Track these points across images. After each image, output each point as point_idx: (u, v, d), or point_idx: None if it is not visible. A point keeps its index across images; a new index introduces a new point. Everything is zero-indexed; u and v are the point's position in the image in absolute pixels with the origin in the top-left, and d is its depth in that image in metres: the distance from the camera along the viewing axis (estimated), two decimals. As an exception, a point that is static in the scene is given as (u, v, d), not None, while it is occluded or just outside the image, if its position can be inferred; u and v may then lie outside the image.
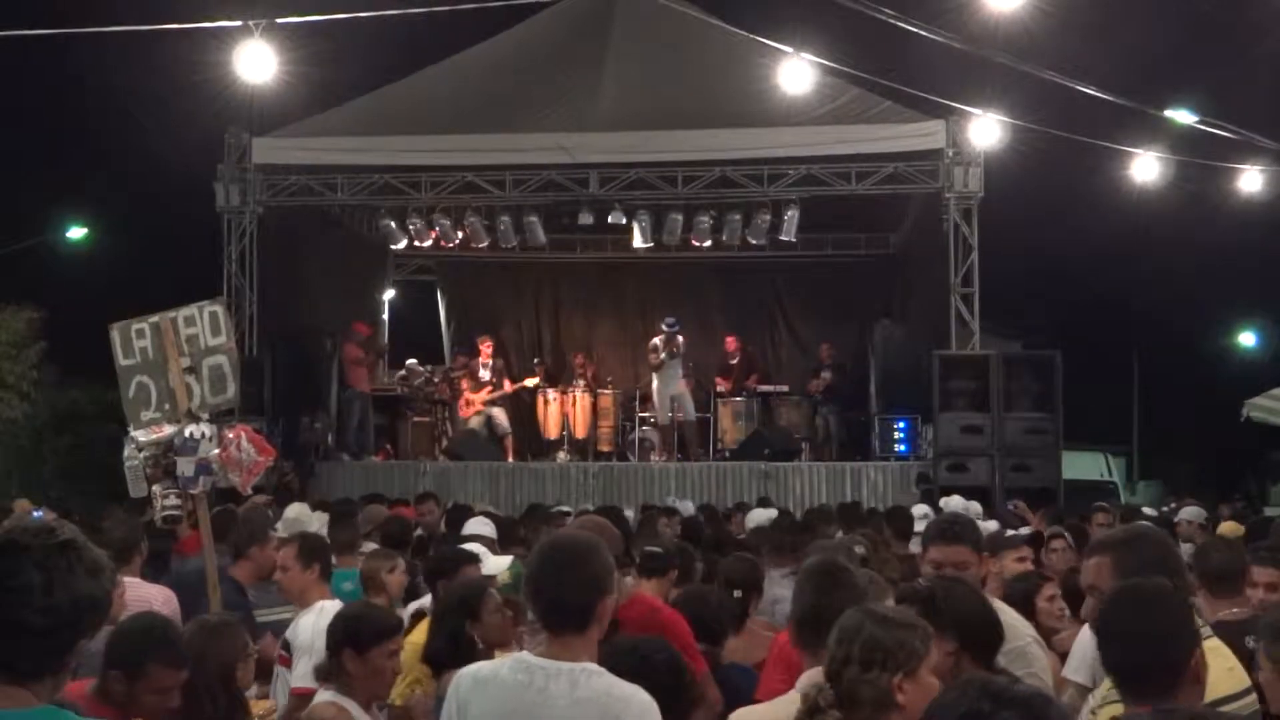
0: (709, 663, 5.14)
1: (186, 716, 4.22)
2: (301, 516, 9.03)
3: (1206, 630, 3.68)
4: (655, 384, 18.72)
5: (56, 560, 2.28)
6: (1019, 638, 4.32)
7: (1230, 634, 4.40)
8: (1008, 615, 4.39)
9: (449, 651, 4.90)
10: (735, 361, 19.81)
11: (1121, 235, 25.37)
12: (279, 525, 8.78)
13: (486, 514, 9.45)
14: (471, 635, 5.03)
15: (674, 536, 9.17)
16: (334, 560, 6.78)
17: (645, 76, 17.77)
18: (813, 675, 3.39)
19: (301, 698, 5.33)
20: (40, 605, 2.26)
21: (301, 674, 5.46)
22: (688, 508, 13.48)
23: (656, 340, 18.66)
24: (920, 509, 10.74)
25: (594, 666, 3.36)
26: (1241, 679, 3.64)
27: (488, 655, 4.82)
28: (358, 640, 4.53)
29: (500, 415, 19.04)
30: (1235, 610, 5.05)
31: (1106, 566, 3.75)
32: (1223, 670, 3.53)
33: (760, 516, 10.43)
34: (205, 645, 4.38)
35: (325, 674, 4.63)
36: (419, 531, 9.82)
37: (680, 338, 18.76)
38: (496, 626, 5.15)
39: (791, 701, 3.38)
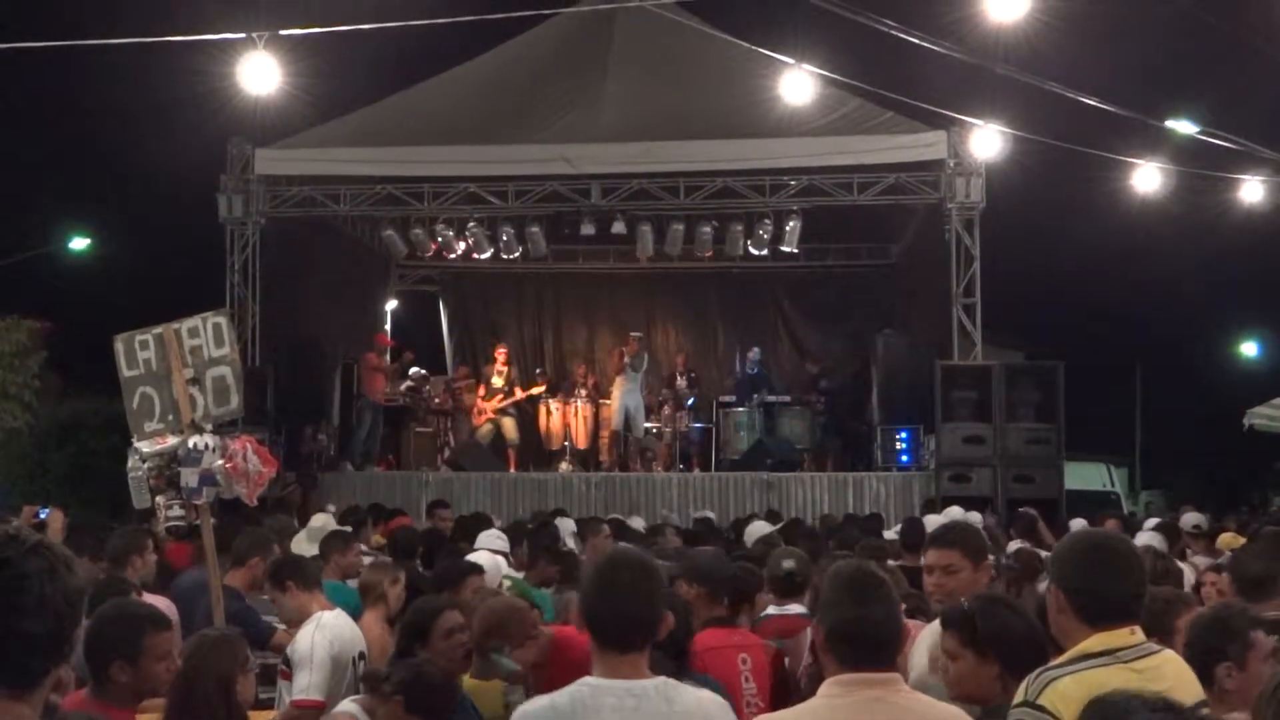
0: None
1: None
2: (328, 526, 9.06)
3: (1148, 647, 3.52)
4: (616, 392, 18.88)
5: (39, 563, 2.31)
6: None
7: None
8: None
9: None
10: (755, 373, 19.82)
11: (1123, 246, 25.43)
12: (304, 534, 8.83)
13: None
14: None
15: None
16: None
17: (647, 87, 17.81)
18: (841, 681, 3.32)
19: (304, 709, 5.38)
20: (41, 612, 2.28)
21: (302, 686, 5.48)
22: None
23: (624, 348, 19.06)
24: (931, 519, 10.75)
25: (670, 680, 3.30)
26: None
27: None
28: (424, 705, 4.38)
29: (510, 424, 19.07)
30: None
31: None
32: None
33: (761, 529, 10.43)
34: (203, 658, 4.42)
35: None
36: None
37: (644, 352, 19.05)
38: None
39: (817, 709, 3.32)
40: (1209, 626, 4.16)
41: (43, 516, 11.31)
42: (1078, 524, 11.50)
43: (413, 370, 19.79)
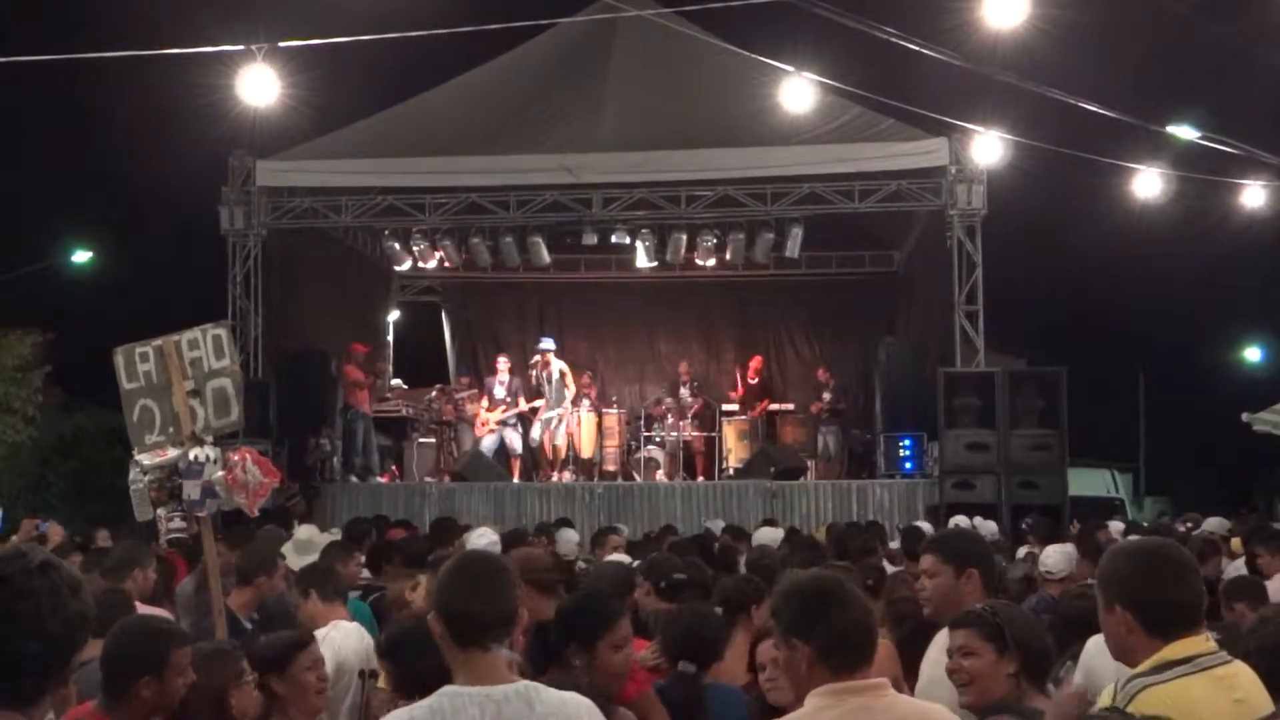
0: (691, 686, 4.73)
1: None
2: (313, 538, 9.02)
3: (1223, 655, 3.44)
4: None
5: (40, 584, 2.28)
6: None
7: None
8: None
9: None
10: (755, 382, 19.83)
11: (1125, 251, 25.34)
12: (290, 545, 8.80)
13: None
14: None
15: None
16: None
17: (648, 96, 17.82)
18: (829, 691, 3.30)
19: None
20: (35, 632, 2.26)
21: None
22: (718, 526, 13.34)
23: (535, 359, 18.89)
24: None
25: (531, 682, 3.26)
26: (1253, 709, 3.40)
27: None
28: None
29: (513, 435, 19.02)
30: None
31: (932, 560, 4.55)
32: (1226, 703, 3.33)
33: (766, 536, 10.38)
34: (196, 672, 4.38)
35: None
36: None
37: (554, 361, 18.82)
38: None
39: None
40: None
41: (42, 530, 11.30)
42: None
43: (394, 381, 19.83)
